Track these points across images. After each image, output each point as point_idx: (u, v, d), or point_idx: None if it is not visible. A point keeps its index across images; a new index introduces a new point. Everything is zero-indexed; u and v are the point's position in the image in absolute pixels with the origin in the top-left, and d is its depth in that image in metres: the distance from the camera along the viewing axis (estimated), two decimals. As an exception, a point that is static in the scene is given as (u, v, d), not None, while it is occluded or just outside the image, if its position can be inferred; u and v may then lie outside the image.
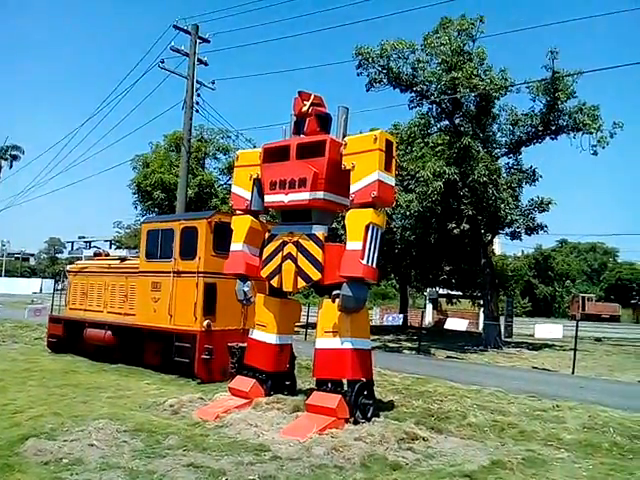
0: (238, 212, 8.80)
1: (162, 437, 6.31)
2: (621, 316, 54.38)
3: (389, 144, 7.47)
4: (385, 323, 22.93)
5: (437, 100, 19.71)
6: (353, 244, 7.17)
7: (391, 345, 20.36)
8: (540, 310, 53.48)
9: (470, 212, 19.20)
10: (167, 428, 6.74)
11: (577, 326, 16.02)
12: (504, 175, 20.76)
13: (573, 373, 14.18)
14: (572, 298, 55.79)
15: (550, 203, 20.72)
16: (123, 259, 13.39)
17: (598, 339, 26.98)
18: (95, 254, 15.08)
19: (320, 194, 7.62)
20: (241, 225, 8.57)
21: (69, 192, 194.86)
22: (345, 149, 7.55)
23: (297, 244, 7.80)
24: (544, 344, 22.05)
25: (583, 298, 53.67)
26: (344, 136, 7.85)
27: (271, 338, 8.18)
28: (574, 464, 6.04)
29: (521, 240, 22.21)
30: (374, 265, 7.20)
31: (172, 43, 19.04)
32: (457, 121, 20.49)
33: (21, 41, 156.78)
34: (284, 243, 7.96)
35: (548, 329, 15.45)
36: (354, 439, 6.34)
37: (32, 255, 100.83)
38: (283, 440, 6.36)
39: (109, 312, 12.69)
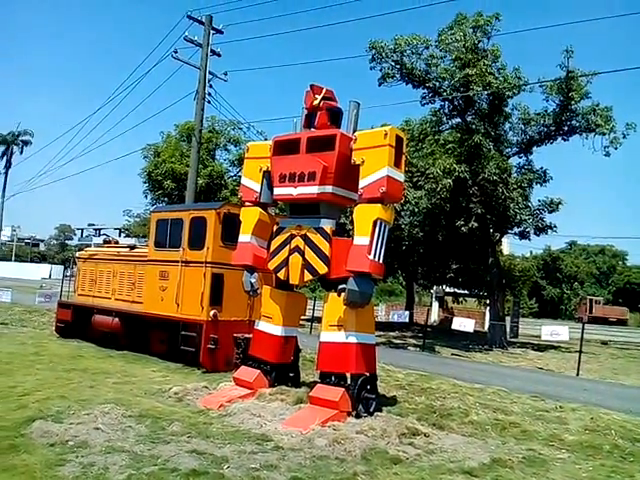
0: (247, 204, 8.84)
1: (166, 423, 6.39)
2: (629, 320, 53.97)
3: (399, 140, 7.47)
4: (391, 320, 22.96)
5: (449, 97, 19.63)
6: (360, 239, 7.18)
7: (396, 341, 20.40)
8: (547, 312, 53.22)
9: (479, 210, 19.12)
10: (172, 415, 6.83)
11: (583, 328, 15.98)
12: (514, 174, 20.66)
13: (578, 375, 14.15)
14: (579, 300, 55.43)
15: (560, 203, 20.62)
16: (132, 247, 13.50)
17: (604, 342, 26.87)
18: (105, 241, 15.24)
19: (329, 188, 7.63)
20: (250, 217, 8.62)
21: (80, 179, 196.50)
22: (355, 144, 7.55)
23: (305, 237, 7.83)
24: (549, 345, 21.97)
25: (591, 301, 53.30)
26: (354, 131, 7.85)
27: (276, 330, 8.24)
28: (575, 465, 6.05)
29: (530, 240, 22.15)
30: (381, 260, 7.22)
31: (186, 33, 19.09)
32: (469, 119, 20.41)
33: (37, 29, 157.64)
34: (292, 236, 7.99)
35: (554, 330, 15.39)
36: (356, 432, 6.39)
37: (42, 241, 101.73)
38: (285, 431, 6.42)
39: (117, 299, 12.81)
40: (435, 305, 38.16)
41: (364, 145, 7.44)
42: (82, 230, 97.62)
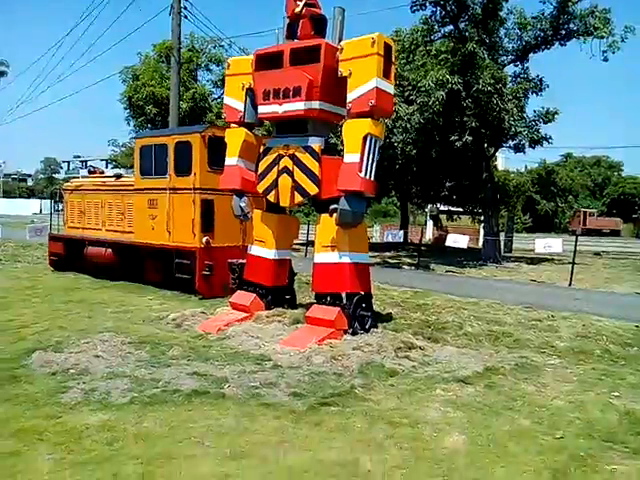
0: (232, 125, 8.48)
1: (166, 348, 6.49)
2: (622, 230, 54.64)
3: (388, 48, 7.01)
4: (385, 240, 23.05)
5: (441, 2, 18.44)
6: (351, 156, 6.94)
7: (391, 261, 20.58)
8: (541, 226, 53.59)
9: (473, 124, 18.55)
10: (171, 340, 6.92)
11: (576, 240, 16.08)
12: (510, 84, 19.89)
13: (570, 285, 14.39)
14: (573, 213, 55.77)
15: (556, 113, 20.02)
16: (118, 176, 13.19)
17: (597, 253, 27.25)
18: (89, 172, 14.81)
19: (316, 104, 7.27)
20: (235, 138, 8.29)
21: (61, 109, 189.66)
22: (341, 54, 7.12)
23: (293, 157, 7.56)
24: (543, 258, 22.28)
25: (584, 213, 53.65)
26: (340, 40, 7.37)
27: (269, 253, 8.18)
28: (566, 369, 6.23)
29: (524, 153, 21.65)
30: (372, 178, 7.02)
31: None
32: (462, 26, 19.29)
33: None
34: (280, 156, 7.72)
35: (547, 243, 15.49)
36: (352, 349, 6.51)
37: (29, 176, 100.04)
38: (284, 350, 6.54)
39: (107, 230, 12.68)
40: (429, 224, 38.35)
41: (351, 55, 7.01)
42: (68, 163, 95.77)
